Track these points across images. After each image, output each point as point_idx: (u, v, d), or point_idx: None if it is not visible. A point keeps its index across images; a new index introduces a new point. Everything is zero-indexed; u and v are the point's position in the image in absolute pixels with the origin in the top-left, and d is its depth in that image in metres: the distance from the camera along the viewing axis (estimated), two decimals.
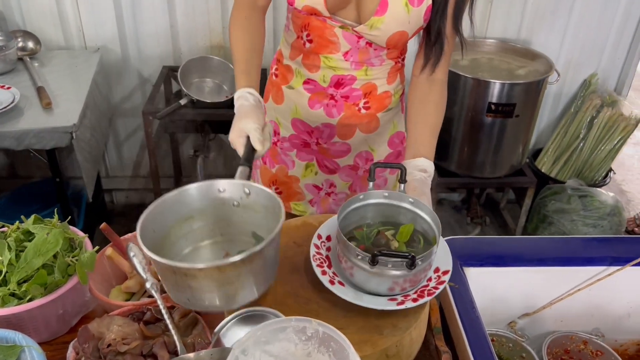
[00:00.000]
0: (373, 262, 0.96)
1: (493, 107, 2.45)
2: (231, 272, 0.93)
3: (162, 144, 2.86)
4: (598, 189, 2.82)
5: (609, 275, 1.38)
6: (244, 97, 1.23)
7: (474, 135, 2.58)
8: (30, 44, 2.50)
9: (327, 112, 1.38)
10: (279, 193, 1.57)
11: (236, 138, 1.17)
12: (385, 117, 1.42)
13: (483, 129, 2.54)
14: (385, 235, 1.09)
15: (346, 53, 1.28)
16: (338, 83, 1.33)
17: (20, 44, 2.45)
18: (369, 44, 1.26)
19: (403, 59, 1.38)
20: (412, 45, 1.35)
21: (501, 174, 2.71)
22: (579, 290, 1.42)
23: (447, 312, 1.27)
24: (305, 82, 1.36)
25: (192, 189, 1.08)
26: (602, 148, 2.92)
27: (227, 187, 1.07)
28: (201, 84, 2.61)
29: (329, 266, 1.07)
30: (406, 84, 1.44)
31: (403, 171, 1.14)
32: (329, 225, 1.15)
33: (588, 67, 2.96)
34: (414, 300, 0.99)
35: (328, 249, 1.11)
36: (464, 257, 1.37)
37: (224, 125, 2.01)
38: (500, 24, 2.78)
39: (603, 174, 3.00)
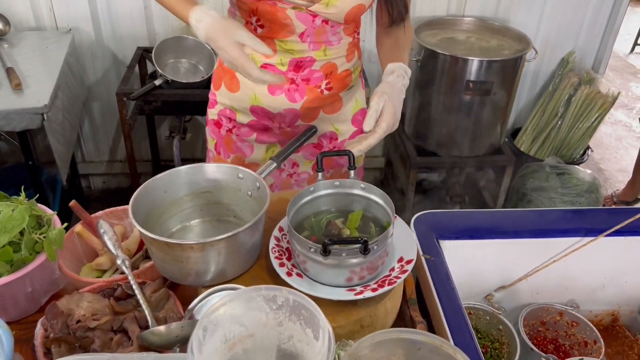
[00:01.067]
0: (325, 251, 0.93)
1: (471, 84, 2.45)
2: (214, 250, 0.96)
3: (139, 127, 2.82)
4: (576, 166, 2.85)
5: (583, 246, 1.40)
6: (208, 14, 1.10)
7: (453, 114, 2.58)
8: None
9: (290, 97, 1.33)
10: None
11: (237, 53, 1.06)
12: (348, 96, 1.40)
13: (461, 107, 2.54)
14: (336, 225, 1.07)
15: (302, 34, 1.24)
16: (297, 66, 1.29)
17: None
18: (325, 21, 1.22)
19: (358, 33, 1.35)
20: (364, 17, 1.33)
21: (480, 153, 2.72)
22: (554, 261, 1.43)
23: (422, 284, 1.27)
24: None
25: (184, 170, 1.12)
26: (580, 126, 2.95)
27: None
28: (176, 64, 2.57)
29: (288, 258, 1.05)
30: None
31: (351, 157, 1.12)
32: None
33: (566, 45, 2.97)
34: (373, 290, 0.97)
35: (289, 242, 1.07)
36: (440, 230, 1.37)
37: (200, 106, 1.98)
38: (478, 2, 2.78)
39: (581, 152, 3.03)
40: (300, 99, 1.33)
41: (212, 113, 1.46)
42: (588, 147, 3.06)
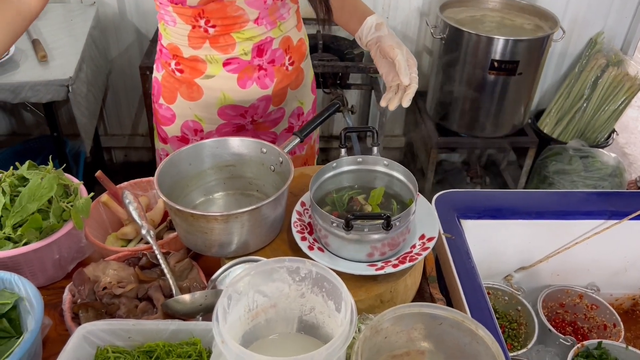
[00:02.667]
0: (348, 226, 0.94)
1: (496, 64, 2.41)
2: (238, 222, 0.97)
3: None
4: (600, 149, 2.80)
5: (607, 228, 1.38)
6: None
7: (476, 94, 2.55)
8: None
9: (261, 84, 1.30)
10: None
11: None
12: (305, 65, 1.39)
13: (485, 87, 2.51)
14: (358, 201, 1.07)
15: (257, 19, 1.21)
16: (259, 50, 1.25)
17: None
18: None
19: None
20: None
21: (502, 134, 2.69)
22: (576, 243, 1.42)
23: (442, 263, 1.27)
24: (225, 64, 1.25)
25: (208, 143, 1.13)
26: (606, 108, 2.89)
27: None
28: None
29: (310, 233, 1.06)
30: None
31: (375, 134, 1.12)
32: None
33: (594, 25, 2.90)
34: (394, 266, 0.98)
35: (311, 217, 1.08)
36: (462, 210, 1.36)
37: None
38: None
39: (606, 135, 2.97)
40: (271, 83, 1.31)
41: (172, 130, 1.39)
42: (613, 131, 3.01)
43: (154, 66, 1.37)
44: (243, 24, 1.20)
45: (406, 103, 1.15)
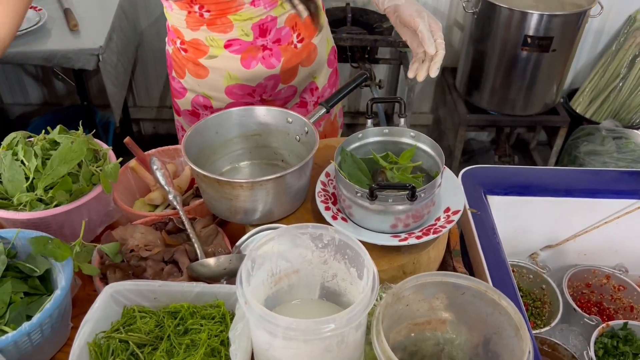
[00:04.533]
0: (372, 196, 0.93)
1: (529, 40, 2.34)
2: (263, 190, 0.97)
3: None
4: (634, 130, 2.72)
5: (637, 208, 1.35)
6: None
7: (507, 70, 2.49)
8: None
9: (266, 64, 1.27)
10: None
11: None
12: (319, 39, 1.34)
13: (517, 63, 2.45)
14: (384, 174, 1.06)
15: (253, 1, 1.17)
16: (262, 30, 1.22)
17: None
18: None
19: None
20: None
21: (533, 112, 2.63)
22: (605, 223, 1.39)
23: (467, 238, 1.26)
24: (227, 46, 1.22)
25: (235, 112, 1.13)
26: None
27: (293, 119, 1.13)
28: None
29: (334, 203, 1.06)
30: None
31: (402, 104, 1.10)
32: None
33: (634, 1, 2.79)
34: (418, 237, 0.97)
35: (335, 187, 1.07)
36: (488, 185, 1.34)
37: None
38: None
39: None
40: (277, 63, 1.27)
41: (183, 103, 1.38)
42: None
43: (166, 39, 1.37)
44: (239, 7, 1.17)
45: (434, 72, 1.10)
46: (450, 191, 1.07)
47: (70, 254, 0.92)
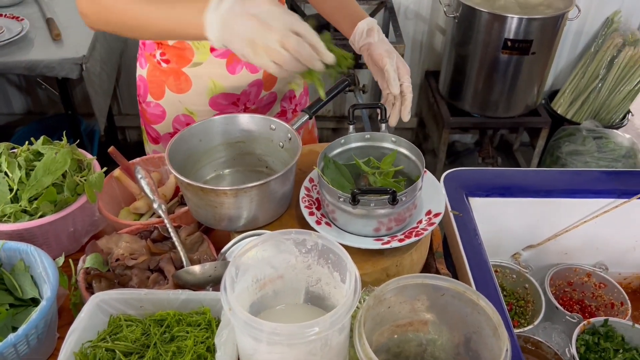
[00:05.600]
0: (354, 201, 0.95)
1: (509, 43, 2.38)
2: (247, 197, 0.99)
3: None
4: (614, 130, 2.77)
5: (615, 207, 1.38)
6: None
7: (489, 73, 2.53)
8: None
9: (250, 68, 1.26)
10: None
11: (296, 46, 0.82)
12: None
13: (498, 66, 2.49)
14: (366, 178, 1.08)
15: None
16: None
17: None
18: None
19: None
20: None
21: (515, 114, 2.67)
22: (584, 222, 1.42)
23: (450, 240, 1.28)
24: (213, 49, 1.21)
25: (218, 120, 1.14)
26: (622, 89, 2.85)
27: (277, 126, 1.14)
28: None
29: (318, 208, 1.07)
30: None
31: (383, 110, 1.13)
32: None
33: (611, 4, 2.85)
34: (400, 240, 0.99)
35: (319, 192, 1.09)
36: (470, 188, 1.37)
37: None
38: None
39: (621, 116, 2.94)
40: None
41: (163, 127, 1.35)
42: (628, 111, 2.97)
43: (137, 64, 1.34)
44: None
45: (406, 117, 1.12)
46: (431, 194, 1.09)
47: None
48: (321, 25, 2.00)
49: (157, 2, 0.93)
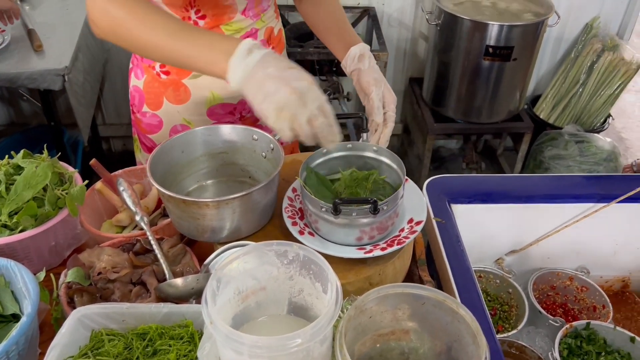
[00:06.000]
0: (336, 211, 0.95)
1: (491, 50, 2.41)
2: (229, 208, 0.99)
3: None
4: (595, 134, 2.81)
5: (596, 211, 1.40)
6: (258, 46, 0.89)
7: (471, 80, 2.56)
8: None
9: None
10: None
11: (320, 126, 0.85)
12: (284, 54, 1.39)
13: (480, 73, 2.51)
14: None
15: (244, 10, 1.20)
16: None
17: None
18: None
19: None
20: None
21: (498, 120, 2.70)
22: (565, 227, 1.44)
23: (433, 246, 1.29)
24: None
25: (200, 131, 1.14)
26: (602, 93, 2.90)
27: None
28: None
29: (301, 218, 1.08)
30: None
31: (364, 120, 1.14)
32: None
33: (590, 10, 2.90)
34: (383, 249, 1.00)
35: (302, 202, 1.09)
36: (452, 194, 1.38)
37: None
38: None
39: (602, 120, 2.99)
40: None
41: (159, 137, 1.35)
42: (609, 115, 3.02)
43: (131, 74, 1.34)
44: (232, 15, 1.19)
45: (383, 143, 1.14)
46: (413, 202, 1.10)
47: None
48: (303, 34, 2.02)
49: (178, 34, 0.92)
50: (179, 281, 0.95)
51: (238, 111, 1.34)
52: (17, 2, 2.35)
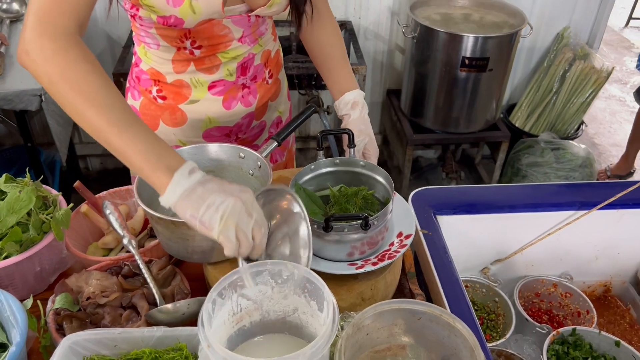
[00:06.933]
0: (327, 227, 0.96)
1: (467, 61, 2.46)
2: None
3: None
4: (570, 141, 2.88)
5: (577, 219, 1.43)
6: (198, 169, 0.88)
7: (448, 90, 2.59)
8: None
9: (245, 103, 1.28)
10: None
11: (260, 239, 0.85)
12: (282, 75, 1.40)
13: (457, 84, 2.55)
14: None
15: (241, 38, 1.20)
16: (243, 68, 1.24)
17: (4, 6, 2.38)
18: (258, 16, 1.18)
19: None
20: None
21: (475, 129, 2.74)
22: (548, 235, 1.47)
23: (421, 258, 1.30)
24: (210, 87, 1.22)
25: (187, 150, 1.14)
26: (574, 101, 2.97)
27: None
28: None
29: None
30: None
31: (350, 135, 1.15)
32: None
33: (561, 20, 2.98)
34: (374, 264, 1.00)
35: None
36: (437, 206, 1.40)
37: None
38: None
39: (575, 127, 3.06)
40: (254, 100, 1.29)
41: None
42: (582, 122, 3.09)
43: (128, 94, 1.33)
44: (228, 43, 1.18)
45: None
46: (401, 216, 1.11)
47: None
48: (283, 49, 2.03)
49: (128, 127, 0.87)
50: (169, 307, 0.94)
51: (234, 133, 1.33)
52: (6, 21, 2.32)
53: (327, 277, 0.98)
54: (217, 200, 0.82)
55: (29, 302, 0.95)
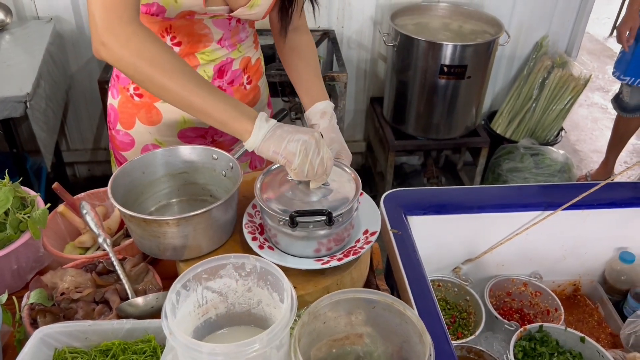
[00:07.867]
0: (293, 223, 1.00)
1: (445, 69, 2.52)
2: (190, 226, 1.01)
3: None
4: (549, 147, 2.94)
5: (543, 219, 1.47)
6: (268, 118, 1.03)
7: (429, 98, 2.65)
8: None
9: None
10: None
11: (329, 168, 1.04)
12: (262, 83, 1.44)
13: (437, 91, 2.61)
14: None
15: (220, 40, 1.24)
16: (220, 72, 1.29)
17: None
18: (239, 21, 1.23)
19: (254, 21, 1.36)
20: None
21: (456, 135, 2.80)
22: (516, 235, 1.51)
23: (391, 257, 1.34)
24: None
25: (160, 152, 1.17)
26: (554, 108, 3.03)
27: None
28: None
29: (261, 233, 1.12)
30: None
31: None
32: None
33: (539, 29, 3.05)
34: (339, 259, 1.04)
35: (262, 218, 1.13)
36: (408, 207, 1.44)
37: None
38: None
39: (555, 133, 3.12)
40: None
41: (131, 155, 1.39)
42: (562, 129, 3.15)
43: (109, 93, 1.38)
44: (207, 43, 1.23)
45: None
46: (368, 214, 1.15)
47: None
48: (267, 57, 2.07)
49: (208, 88, 1.00)
50: (139, 300, 0.97)
51: (210, 135, 1.37)
52: None
53: (294, 272, 1.03)
54: (294, 136, 0.99)
55: (4, 297, 0.98)
